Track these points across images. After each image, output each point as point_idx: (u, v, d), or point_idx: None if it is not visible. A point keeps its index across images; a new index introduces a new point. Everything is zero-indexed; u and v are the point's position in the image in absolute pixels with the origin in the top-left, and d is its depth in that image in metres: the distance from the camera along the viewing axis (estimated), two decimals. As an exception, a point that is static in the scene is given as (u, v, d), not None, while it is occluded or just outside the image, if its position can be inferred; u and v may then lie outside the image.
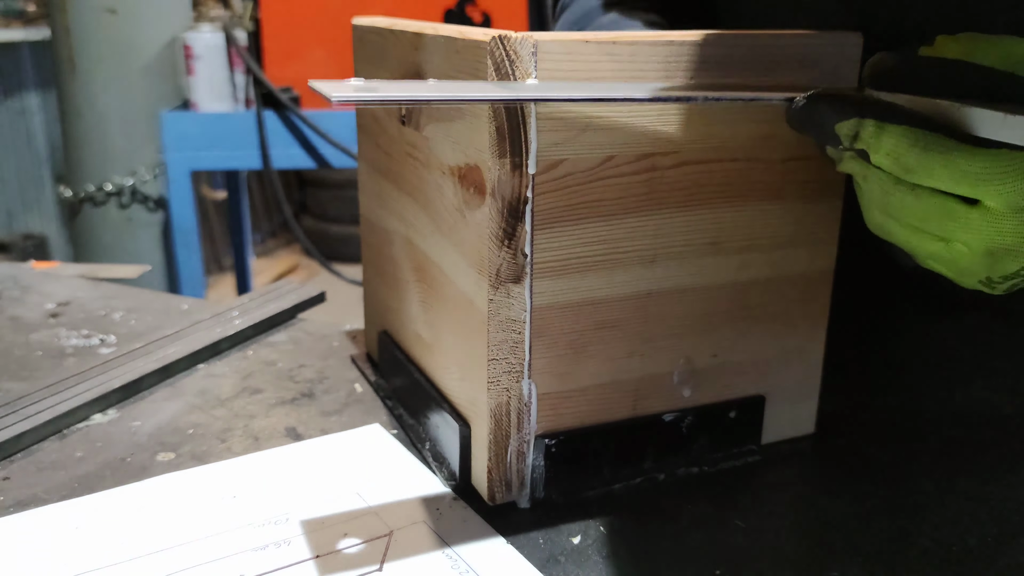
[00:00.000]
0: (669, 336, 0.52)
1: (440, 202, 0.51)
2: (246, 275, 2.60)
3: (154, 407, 0.64)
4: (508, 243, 0.45)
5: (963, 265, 0.41)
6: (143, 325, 0.79)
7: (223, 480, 0.54)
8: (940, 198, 0.39)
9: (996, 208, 0.38)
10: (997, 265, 0.40)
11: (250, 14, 2.06)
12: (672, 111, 0.47)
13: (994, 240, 0.39)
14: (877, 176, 0.41)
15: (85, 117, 2.08)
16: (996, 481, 0.54)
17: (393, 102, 0.38)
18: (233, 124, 2.01)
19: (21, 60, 2.88)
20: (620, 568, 0.46)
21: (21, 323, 0.80)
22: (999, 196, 0.37)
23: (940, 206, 0.39)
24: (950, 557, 0.47)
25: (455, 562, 0.46)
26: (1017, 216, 0.37)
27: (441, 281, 0.53)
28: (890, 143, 0.39)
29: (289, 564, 0.46)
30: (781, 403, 0.57)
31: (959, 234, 0.40)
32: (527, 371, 0.48)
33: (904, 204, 0.40)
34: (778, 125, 0.50)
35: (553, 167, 0.45)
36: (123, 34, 2.04)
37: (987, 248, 0.39)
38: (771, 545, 0.48)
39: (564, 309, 0.48)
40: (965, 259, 0.41)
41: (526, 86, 0.43)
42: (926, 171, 0.38)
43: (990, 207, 0.38)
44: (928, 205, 0.40)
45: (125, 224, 2.15)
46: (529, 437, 0.50)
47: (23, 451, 0.58)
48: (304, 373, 0.69)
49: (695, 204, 0.50)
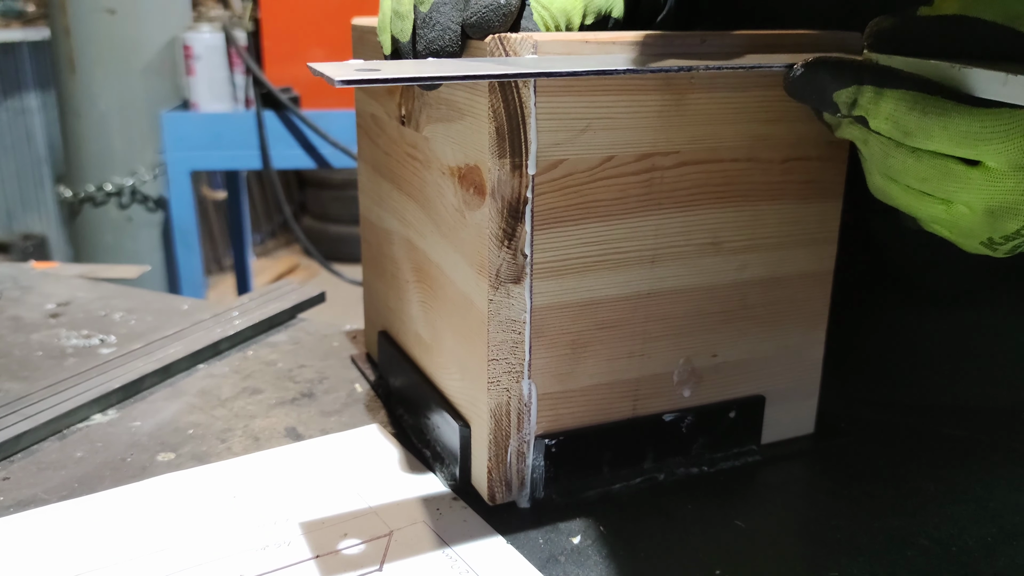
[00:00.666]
0: (669, 336, 0.52)
1: (440, 202, 0.51)
2: (246, 275, 2.59)
3: (154, 407, 0.64)
4: (508, 243, 0.45)
5: (964, 226, 0.41)
6: (143, 325, 0.79)
7: (223, 480, 0.54)
8: (940, 159, 0.39)
9: (996, 167, 0.38)
10: (998, 224, 0.40)
11: (250, 14, 2.06)
12: (672, 111, 0.47)
13: (995, 199, 0.39)
14: (877, 140, 0.41)
15: (85, 117, 2.08)
16: (996, 481, 0.54)
17: (395, 81, 0.38)
18: (233, 124, 2.01)
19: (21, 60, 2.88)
20: (620, 568, 0.46)
21: (21, 323, 0.80)
22: (999, 155, 0.37)
23: (940, 167, 0.39)
24: (950, 557, 0.47)
25: (455, 562, 0.46)
26: (1017, 174, 0.38)
27: (441, 281, 0.53)
28: (888, 107, 0.39)
29: (289, 564, 0.46)
30: (781, 403, 0.57)
31: (960, 194, 0.40)
32: (527, 371, 0.48)
33: (905, 167, 0.41)
34: (778, 125, 0.50)
35: (553, 167, 0.45)
36: (123, 34, 2.04)
37: (988, 207, 0.39)
38: (771, 545, 0.48)
39: (564, 309, 0.48)
40: (966, 220, 0.41)
41: (526, 60, 0.43)
42: (925, 134, 0.38)
43: (990, 167, 0.38)
44: (928, 167, 0.40)
45: (125, 224, 2.15)
46: (529, 437, 0.50)
47: (23, 451, 0.58)
48: (304, 373, 0.69)
49: (695, 204, 0.50)
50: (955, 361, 0.63)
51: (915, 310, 0.62)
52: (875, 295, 0.63)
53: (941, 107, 0.38)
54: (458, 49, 0.45)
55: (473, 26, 0.44)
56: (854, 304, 0.62)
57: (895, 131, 0.40)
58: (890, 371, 0.65)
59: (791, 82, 0.43)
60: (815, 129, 0.51)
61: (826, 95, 0.41)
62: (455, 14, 0.44)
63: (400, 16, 0.45)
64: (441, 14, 0.44)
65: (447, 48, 0.45)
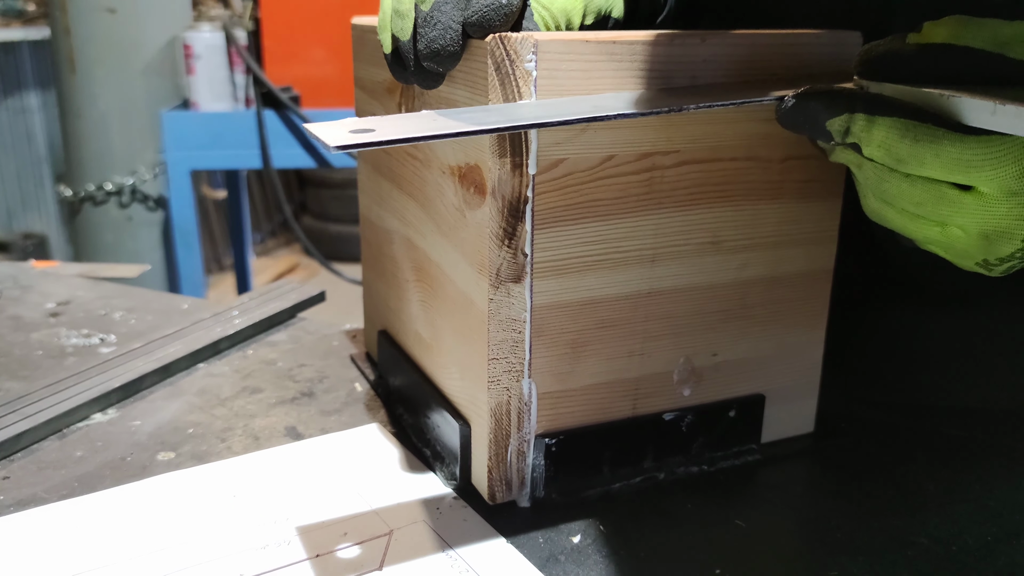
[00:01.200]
0: (669, 336, 0.52)
1: (440, 202, 0.51)
2: (246, 275, 2.59)
3: (154, 407, 0.64)
4: (508, 243, 0.45)
5: (959, 248, 0.41)
6: (143, 325, 0.79)
7: (223, 480, 0.54)
8: (934, 184, 0.40)
9: (989, 193, 0.38)
10: (993, 248, 0.40)
11: (250, 14, 2.06)
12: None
13: (989, 223, 0.39)
14: (871, 166, 0.42)
15: (85, 117, 2.08)
16: (996, 481, 0.54)
17: (392, 143, 0.38)
18: (233, 123, 2.01)
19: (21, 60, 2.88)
20: (620, 568, 0.46)
21: (21, 322, 0.80)
22: (991, 182, 0.38)
23: (934, 192, 0.40)
24: (950, 557, 0.47)
25: (455, 562, 0.46)
26: (1010, 200, 0.38)
27: (441, 281, 0.53)
28: (881, 135, 0.39)
29: (289, 564, 0.46)
30: (781, 402, 0.57)
31: (954, 218, 0.40)
32: (527, 370, 0.48)
33: (899, 191, 0.41)
34: (777, 125, 0.50)
35: (553, 167, 0.45)
36: (123, 34, 2.04)
37: (982, 231, 0.40)
38: (771, 545, 0.48)
39: (564, 308, 0.48)
40: (961, 242, 0.41)
41: (524, 107, 0.42)
42: (917, 161, 0.39)
43: (983, 192, 0.38)
44: (922, 191, 0.40)
45: (125, 223, 2.15)
46: (529, 436, 0.50)
47: (23, 451, 0.58)
48: (304, 372, 0.69)
49: (695, 204, 0.50)
50: (955, 361, 0.63)
51: (915, 310, 0.62)
52: (875, 295, 0.63)
53: (932, 135, 0.38)
54: (459, 48, 0.45)
55: (474, 25, 0.44)
56: (854, 304, 0.62)
57: (888, 158, 0.40)
58: (890, 371, 0.64)
59: (783, 113, 0.43)
60: (815, 128, 0.51)
61: (819, 124, 0.42)
62: (456, 13, 0.44)
63: (401, 15, 0.45)
64: (442, 13, 0.44)
65: (448, 47, 0.45)
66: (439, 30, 0.45)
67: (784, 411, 0.57)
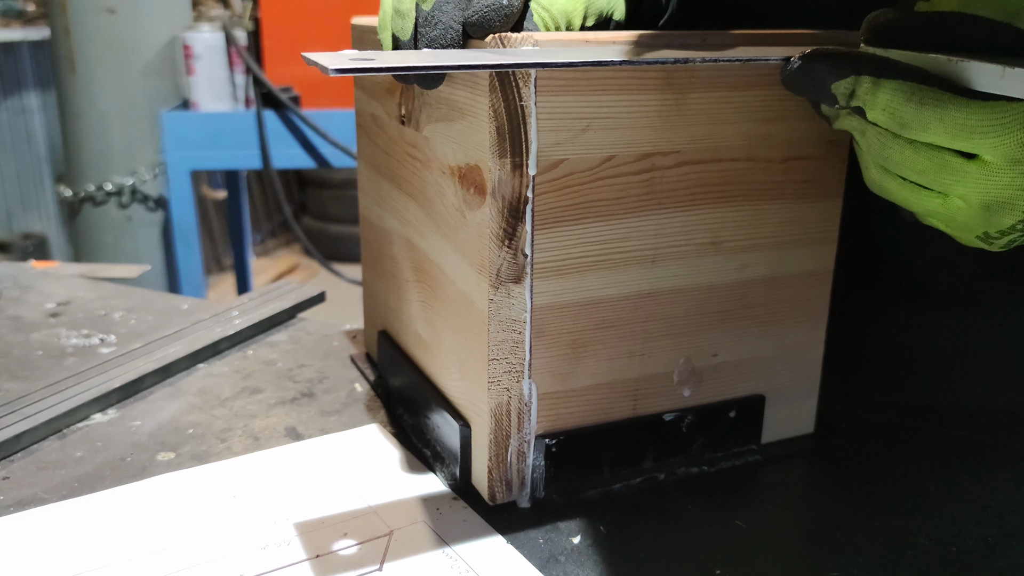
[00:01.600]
0: (669, 336, 0.52)
1: (440, 202, 0.51)
2: (246, 275, 2.59)
3: (154, 407, 0.64)
4: (508, 243, 0.45)
5: (960, 220, 0.41)
6: (143, 325, 0.79)
7: (223, 480, 0.54)
8: (937, 151, 0.39)
9: (993, 161, 0.38)
10: (994, 219, 0.40)
11: (250, 14, 2.06)
12: (672, 111, 0.47)
13: (991, 193, 0.39)
14: (874, 132, 0.41)
15: (85, 117, 2.08)
16: (996, 481, 0.54)
17: (390, 70, 0.38)
18: (233, 124, 2.01)
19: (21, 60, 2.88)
20: (620, 568, 0.46)
21: (21, 323, 0.80)
22: (996, 149, 0.37)
23: (937, 159, 0.39)
24: (950, 557, 0.47)
25: (455, 562, 0.46)
26: (1014, 169, 0.38)
27: (441, 281, 0.53)
28: (886, 98, 0.39)
29: (289, 564, 0.46)
30: (781, 402, 0.57)
31: (956, 188, 0.40)
32: (527, 371, 0.48)
33: (902, 158, 0.41)
34: (778, 124, 0.50)
35: (553, 167, 0.45)
36: (123, 34, 2.04)
37: (984, 201, 0.39)
38: (771, 545, 0.48)
39: (564, 309, 0.48)
40: (962, 213, 0.41)
41: (523, 52, 0.43)
42: (922, 125, 0.38)
43: (987, 160, 0.38)
44: (925, 159, 0.40)
45: (125, 224, 2.15)
46: (529, 437, 0.50)
47: (23, 451, 0.58)
48: (304, 373, 0.69)
49: (695, 204, 0.50)
50: (955, 361, 0.63)
51: (915, 310, 0.62)
52: (875, 295, 0.63)
53: (938, 99, 0.38)
54: (459, 48, 0.45)
55: (474, 25, 0.44)
56: (854, 304, 0.62)
57: (892, 122, 0.40)
58: (890, 371, 0.64)
59: (788, 75, 0.43)
60: (815, 128, 0.51)
61: (824, 86, 0.41)
62: (457, 13, 0.45)
63: (401, 14, 0.45)
64: (443, 12, 0.44)
65: (448, 47, 0.45)
66: (440, 30, 0.45)
67: (784, 411, 0.57)
